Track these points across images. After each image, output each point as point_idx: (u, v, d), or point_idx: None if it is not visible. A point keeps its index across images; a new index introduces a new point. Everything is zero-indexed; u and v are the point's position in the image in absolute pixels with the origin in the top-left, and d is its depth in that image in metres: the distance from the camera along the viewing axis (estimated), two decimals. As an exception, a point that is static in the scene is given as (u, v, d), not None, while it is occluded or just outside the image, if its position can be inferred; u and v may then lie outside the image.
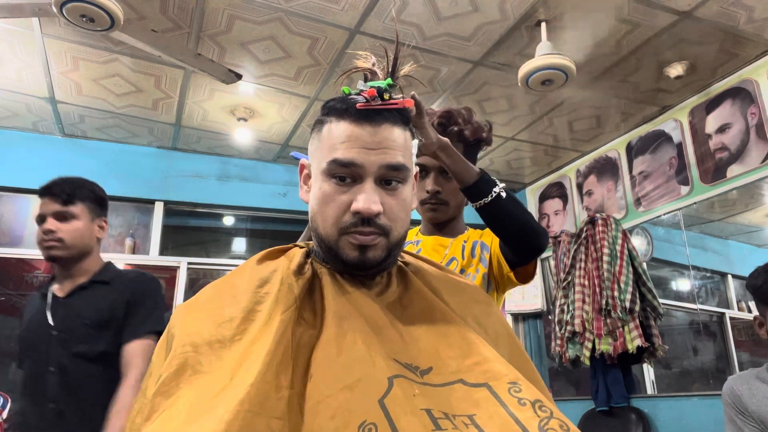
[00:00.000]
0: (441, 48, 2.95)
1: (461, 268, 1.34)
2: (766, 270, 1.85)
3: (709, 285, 3.87)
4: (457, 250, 1.38)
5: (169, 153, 4.16)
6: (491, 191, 1.13)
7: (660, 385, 3.68)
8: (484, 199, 1.13)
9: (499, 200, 1.13)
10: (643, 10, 2.66)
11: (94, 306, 1.64)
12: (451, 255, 1.37)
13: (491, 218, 1.17)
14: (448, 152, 1.13)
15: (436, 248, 1.40)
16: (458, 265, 1.35)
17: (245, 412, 0.59)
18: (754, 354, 3.72)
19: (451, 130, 1.35)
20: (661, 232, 3.76)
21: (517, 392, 0.67)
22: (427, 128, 1.08)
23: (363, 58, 0.88)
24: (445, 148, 1.13)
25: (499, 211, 1.15)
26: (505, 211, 1.15)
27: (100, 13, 2.21)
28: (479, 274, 1.33)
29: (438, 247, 1.40)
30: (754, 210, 3.61)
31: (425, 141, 1.10)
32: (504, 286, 1.34)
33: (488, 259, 1.34)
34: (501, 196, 1.13)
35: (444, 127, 1.34)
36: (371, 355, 0.67)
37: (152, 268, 3.99)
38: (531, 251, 1.22)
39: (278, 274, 0.79)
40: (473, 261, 1.35)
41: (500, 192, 1.13)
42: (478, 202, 1.14)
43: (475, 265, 1.34)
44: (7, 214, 3.82)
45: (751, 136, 3.07)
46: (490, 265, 1.34)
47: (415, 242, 1.44)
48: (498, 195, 1.13)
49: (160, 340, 0.77)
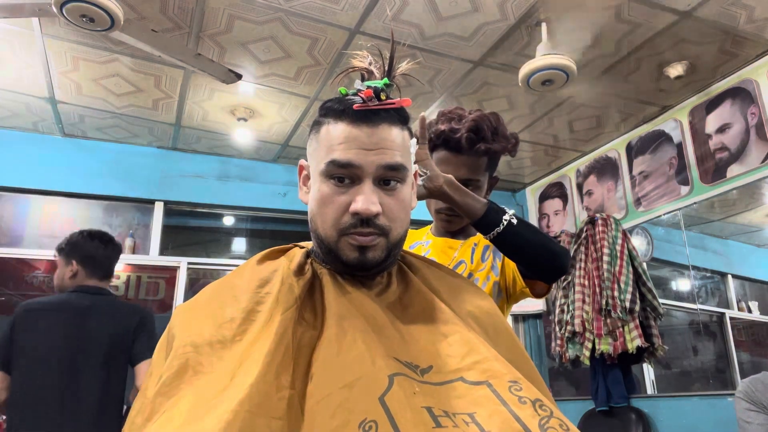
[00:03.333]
0: (441, 48, 2.95)
1: (469, 272, 1.31)
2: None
3: (709, 285, 3.87)
4: (467, 253, 1.34)
5: (169, 153, 4.16)
6: (501, 220, 1.08)
7: (660, 385, 3.68)
8: (496, 229, 1.09)
9: (511, 227, 1.09)
10: (643, 10, 2.66)
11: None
12: (460, 258, 1.34)
13: (507, 247, 1.13)
14: (454, 188, 1.10)
15: (444, 250, 1.37)
16: (467, 268, 1.31)
17: (245, 412, 0.59)
18: (754, 354, 3.72)
19: (478, 148, 1.29)
20: (661, 232, 3.76)
21: (517, 391, 0.67)
22: (429, 161, 1.06)
23: (360, 58, 0.88)
24: (450, 185, 1.10)
25: (513, 238, 1.10)
26: (519, 237, 1.10)
27: (100, 13, 2.21)
28: (490, 282, 1.29)
29: (447, 249, 1.37)
30: (754, 210, 3.61)
31: (430, 175, 1.08)
32: (516, 298, 1.30)
33: (500, 268, 1.29)
34: (512, 222, 1.09)
35: (472, 143, 1.29)
36: (371, 354, 0.67)
37: (152, 268, 3.99)
38: (551, 274, 1.17)
39: (279, 274, 0.79)
40: (483, 266, 1.31)
41: (511, 219, 1.09)
42: (491, 234, 1.09)
43: (486, 272, 1.30)
44: (7, 214, 3.82)
45: (751, 136, 3.07)
46: (502, 274, 1.29)
47: (425, 242, 1.41)
48: (509, 222, 1.09)
49: (161, 340, 0.77)
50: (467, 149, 1.28)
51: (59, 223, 3.91)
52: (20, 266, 3.74)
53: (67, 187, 3.87)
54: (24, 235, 3.83)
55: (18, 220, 3.84)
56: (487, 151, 1.30)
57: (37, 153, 3.82)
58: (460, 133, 1.28)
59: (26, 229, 3.84)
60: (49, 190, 3.85)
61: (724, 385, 3.48)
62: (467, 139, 1.28)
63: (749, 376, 1.96)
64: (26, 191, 3.82)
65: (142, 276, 3.98)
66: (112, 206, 4.04)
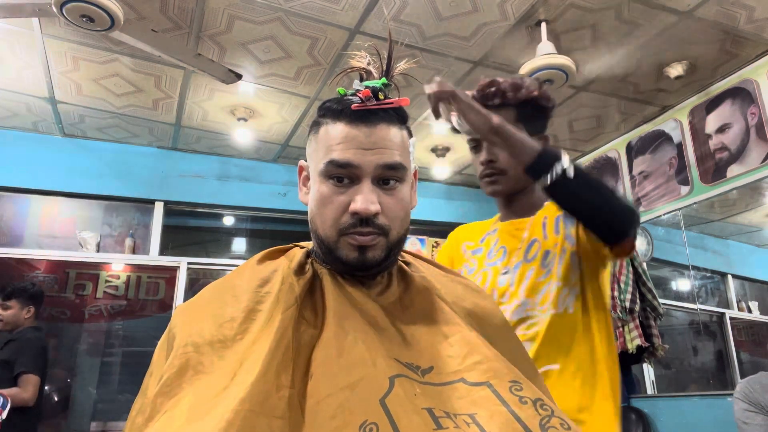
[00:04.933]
0: (441, 48, 2.95)
1: (544, 250, 1.19)
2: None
3: (709, 285, 3.87)
4: (537, 229, 1.22)
5: (169, 153, 4.16)
6: (553, 166, 0.99)
7: (660, 385, 3.68)
8: (544, 177, 0.99)
9: (564, 178, 0.99)
10: (643, 10, 2.66)
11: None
12: (531, 237, 1.22)
13: (559, 199, 1.04)
14: (501, 134, 1.04)
15: (513, 233, 1.26)
16: (540, 247, 1.19)
17: (246, 411, 0.59)
18: (754, 354, 3.73)
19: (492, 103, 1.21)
20: (661, 232, 3.76)
21: (518, 391, 0.67)
22: (468, 113, 1.01)
23: (358, 58, 0.88)
24: (497, 131, 1.03)
25: (566, 190, 1.00)
26: (571, 190, 1.00)
27: (100, 13, 2.21)
28: (566, 254, 1.17)
29: (515, 231, 1.26)
30: (754, 210, 3.62)
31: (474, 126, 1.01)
32: (601, 260, 1.16)
33: (574, 236, 1.17)
34: (567, 172, 0.99)
35: (485, 99, 1.23)
36: (372, 355, 0.67)
37: (152, 268, 3.99)
38: (612, 236, 1.06)
39: (279, 273, 0.79)
40: (558, 239, 1.18)
41: (566, 168, 0.99)
42: (540, 181, 1.01)
43: (561, 244, 1.18)
44: (7, 214, 3.82)
45: (751, 136, 3.07)
46: (577, 241, 1.17)
47: (493, 231, 1.32)
48: (564, 171, 0.99)
49: (161, 340, 0.77)
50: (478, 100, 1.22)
51: (59, 223, 3.91)
52: (20, 266, 3.74)
53: (67, 187, 3.88)
54: (24, 235, 3.83)
55: (18, 220, 3.84)
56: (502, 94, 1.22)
57: (37, 153, 3.82)
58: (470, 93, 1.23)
59: (26, 229, 3.85)
60: (49, 190, 3.85)
61: (723, 385, 3.48)
62: (478, 91, 1.24)
63: (747, 377, 1.97)
64: (26, 191, 3.83)
65: (142, 276, 3.98)
66: (112, 206, 4.05)
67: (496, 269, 1.24)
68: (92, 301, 3.85)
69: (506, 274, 1.22)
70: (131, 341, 3.95)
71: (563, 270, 1.16)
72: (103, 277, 3.90)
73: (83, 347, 3.85)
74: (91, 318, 3.85)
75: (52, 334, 3.73)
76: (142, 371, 0.77)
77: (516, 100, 1.23)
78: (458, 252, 1.37)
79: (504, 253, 1.25)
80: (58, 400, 3.67)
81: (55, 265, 3.79)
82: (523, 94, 1.23)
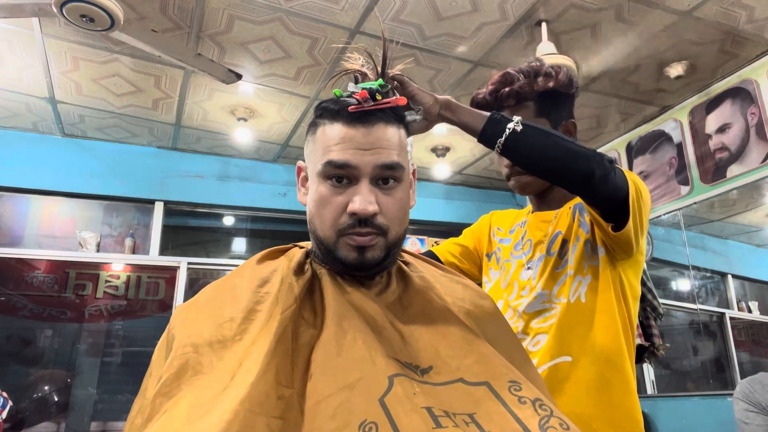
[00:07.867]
0: (441, 48, 2.95)
1: (563, 240, 1.16)
2: None
3: (709, 285, 3.87)
4: (563, 220, 1.19)
5: (169, 153, 4.16)
6: (505, 129, 0.97)
7: (660, 385, 3.68)
8: (499, 140, 0.97)
9: (516, 135, 0.97)
10: (643, 10, 2.66)
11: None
12: (556, 229, 1.19)
13: (519, 159, 1.02)
14: (452, 109, 1.01)
15: (539, 226, 1.23)
16: (562, 238, 1.17)
17: (246, 411, 0.59)
18: (754, 354, 3.73)
19: (501, 94, 1.18)
20: (661, 232, 3.76)
21: (517, 391, 0.67)
22: (418, 93, 0.98)
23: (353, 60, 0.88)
24: (447, 106, 1.01)
25: (522, 146, 0.98)
26: (528, 144, 0.98)
27: (100, 13, 2.21)
28: (580, 241, 1.13)
29: (540, 224, 1.23)
30: (754, 210, 3.62)
31: (423, 107, 1.00)
32: (620, 246, 1.09)
33: (589, 223, 1.14)
34: (516, 130, 0.97)
35: (495, 92, 1.19)
36: (371, 355, 0.67)
37: (152, 268, 3.99)
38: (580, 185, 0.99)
39: (278, 273, 0.80)
40: (573, 226, 1.16)
41: (515, 126, 0.97)
42: (496, 146, 0.98)
43: (575, 232, 1.15)
44: (7, 214, 3.82)
45: (751, 136, 3.07)
46: (592, 228, 1.13)
47: (522, 222, 1.29)
48: (513, 131, 0.97)
49: (160, 341, 0.77)
50: (493, 103, 1.20)
51: (59, 223, 3.91)
52: (20, 266, 3.74)
53: (67, 187, 3.88)
54: (24, 235, 3.83)
55: (18, 220, 3.84)
56: (516, 94, 1.18)
57: (37, 153, 3.82)
58: (483, 94, 1.21)
59: (26, 229, 3.85)
60: (49, 190, 3.85)
61: (723, 385, 3.48)
62: (490, 93, 1.20)
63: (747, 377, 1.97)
64: (26, 191, 3.83)
65: (142, 276, 3.98)
66: (112, 206, 4.05)
67: (521, 263, 1.23)
68: (92, 301, 3.85)
69: (529, 269, 1.20)
70: (131, 341, 3.95)
71: (576, 258, 1.13)
72: (103, 277, 3.90)
73: (83, 347, 3.85)
74: (91, 318, 3.85)
75: (52, 335, 3.74)
76: (142, 371, 0.77)
77: (533, 95, 1.19)
78: (487, 234, 1.37)
79: (530, 246, 1.23)
80: (58, 400, 3.67)
81: (55, 265, 3.79)
82: (540, 85, 1.18)
